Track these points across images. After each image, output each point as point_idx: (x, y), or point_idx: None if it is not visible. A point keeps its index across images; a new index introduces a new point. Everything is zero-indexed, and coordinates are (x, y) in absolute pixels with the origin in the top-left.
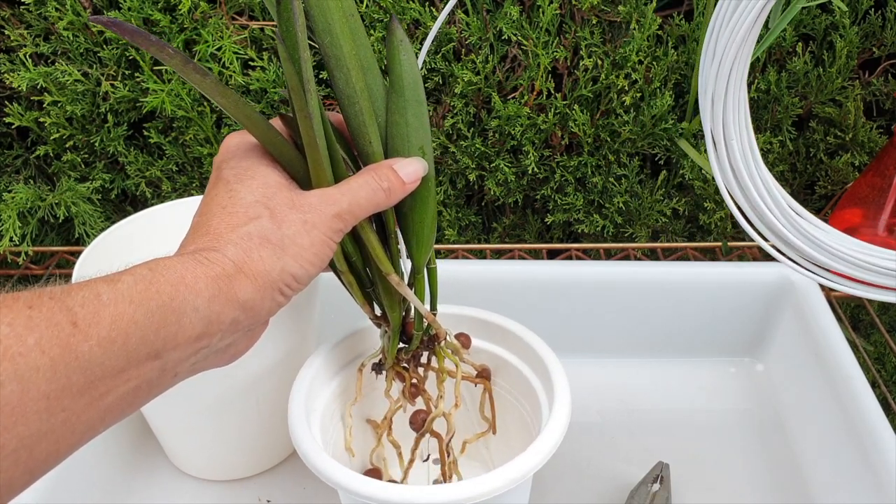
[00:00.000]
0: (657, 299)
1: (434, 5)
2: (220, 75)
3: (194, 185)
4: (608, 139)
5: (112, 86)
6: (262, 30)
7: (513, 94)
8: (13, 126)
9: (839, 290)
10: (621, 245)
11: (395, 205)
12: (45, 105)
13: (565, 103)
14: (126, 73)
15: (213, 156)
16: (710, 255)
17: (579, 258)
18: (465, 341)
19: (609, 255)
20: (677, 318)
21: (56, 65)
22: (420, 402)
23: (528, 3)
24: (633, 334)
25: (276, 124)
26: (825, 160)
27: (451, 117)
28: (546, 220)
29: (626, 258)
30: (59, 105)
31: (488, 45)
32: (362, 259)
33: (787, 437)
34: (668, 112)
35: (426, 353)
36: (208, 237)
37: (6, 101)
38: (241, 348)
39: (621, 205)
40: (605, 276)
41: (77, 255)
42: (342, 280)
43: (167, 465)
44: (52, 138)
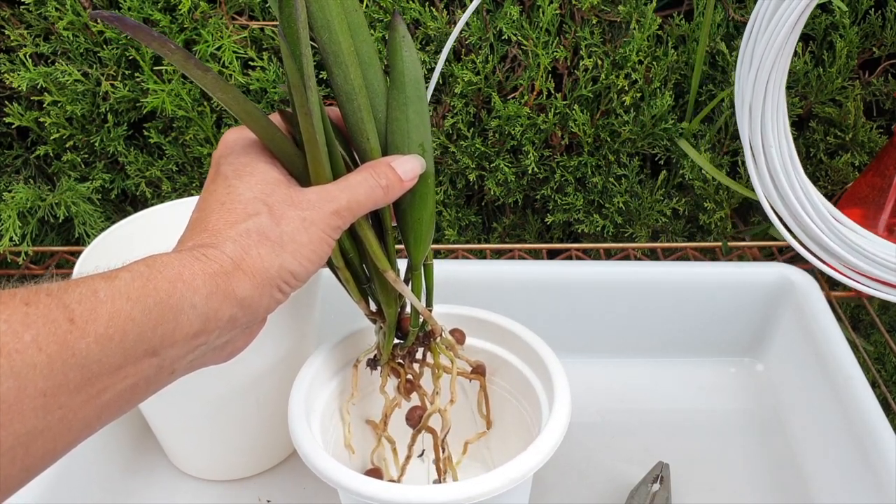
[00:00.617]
0: (657, 299)
1: (434, 5)
2: (219, 75)
3: (194, 185)
4: (608, 139)
5: (112, 86)
6: (262, 30)
7: (513, 94)
8: (13, 126)
9: (887, 299)
10: (621, 245)
11: (393, 202)
12: (45, 105)
13: (565, 103)
14: (126, 73)
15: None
16: (710, 255)
17: (579, 258)
18: (459, 337)
19: (609, 255)
20: (677, 318)
21: (56, 65)
22: (416, 400)
23: (528, 3)
24: (633, 334)
25: (276, 120)
26: (825, 160)
27: (451, 117)
28: (546, 220)
29: (626, 258)
30: (59, 105)
31: (488, 45)
32: (359, 256)
33: (787, 437)
34: (668, 112)
35: (421, 350)
36: (206, 234)
37: (6, 101)
38: (240, 345)
39: (621, 205)
40: (605, 276)
41: (77, 255)
42: (338, 276)
43: (167, 465)
44: (52, 138)
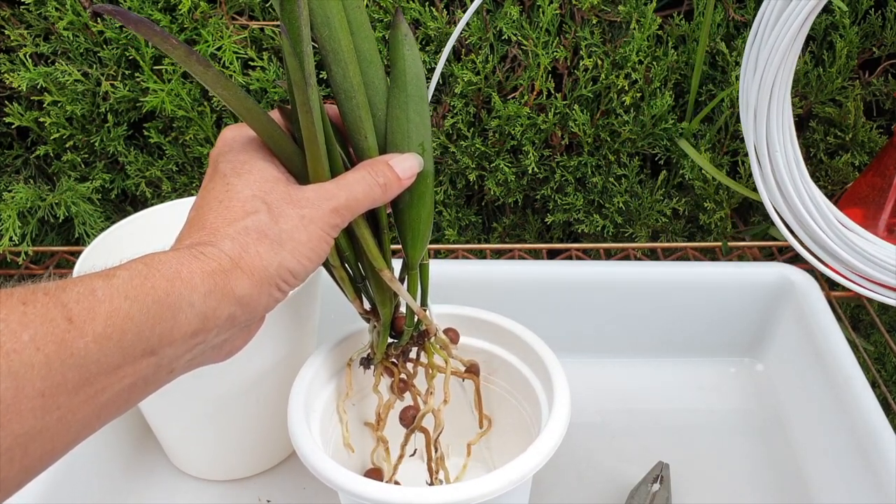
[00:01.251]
0: (657, 299)
1: (433, 5)
2: (220, 71)
3: (194, 185)
4: (608, 139)
5: (112, 86)
6: (262, 30)
7: (513, 94)
8: (13, 126)
9: (892, 304)
10: (621, 245)
11: (391, 200)
12: (45, 105)
13: (565, 103)
14: (126, 72)
15: None
16: (710, 255)
17: (579, 258)
18: (453, 336)
19: (609, 255)
20: (677, 318)
21: (56, 65)
22: (411, 400)
23: (528, 3)
24: (633, 334)
25: (275, 117)
26: (825, 160)
27: (451, 117)
28: (546, 220)
29: (626, 258)
30: (59, 105)
31: (488, 45)
32: (355, 254)
33: (787, 437)
34: (668, 112)
35: (415, 349)
36: (204, 231)
37: (6, 101)
38: (238, 344)
39: (621, 205)
40: (605, 276)
41: (77, 255)
42: (333, 275)
43: (167, 465)
44: (52, 138)
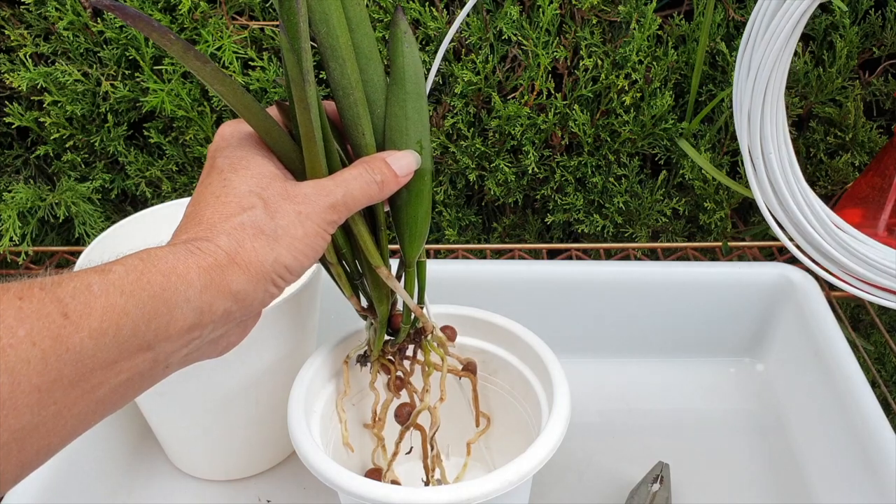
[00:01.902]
0: (657, 299)
1: (433, 5)
2: (218, 67)
3: (194, 184)
4: (608, 139)
5: (112, 86)
6: (262, 30)
7: (513, 94)
8: (13, 126)
9: (888, 306)
10: (621, 245)
11: (389, 198)
12: (45, 105)
13: (565, 103)
14: (126, 73)
15: None
16: (710, 255)
17: (579, 258)
18: (450, 334)
19: (609, 255)
20: (677, 318)
21: (56, 65)
22: (406, 397)
23: (528, 3)
24: (633, 334)
25: (272, 113)
26: (825, 160)
27: (451, 117)
28: (546, 220)
29: (626, 258)
30: (59, 105)
31: (488, 45)
32: (352, 251)
33: (787, 437)
34: (668, 112)
35: (412, 347)
36: (201, 227)
37: (6, 101)
38: (234, 340)
39: (621, 205)
40: (605, 276)
41: (77, 255)
42: (330, 272)
43: (167, 465)
44: (52, 138)
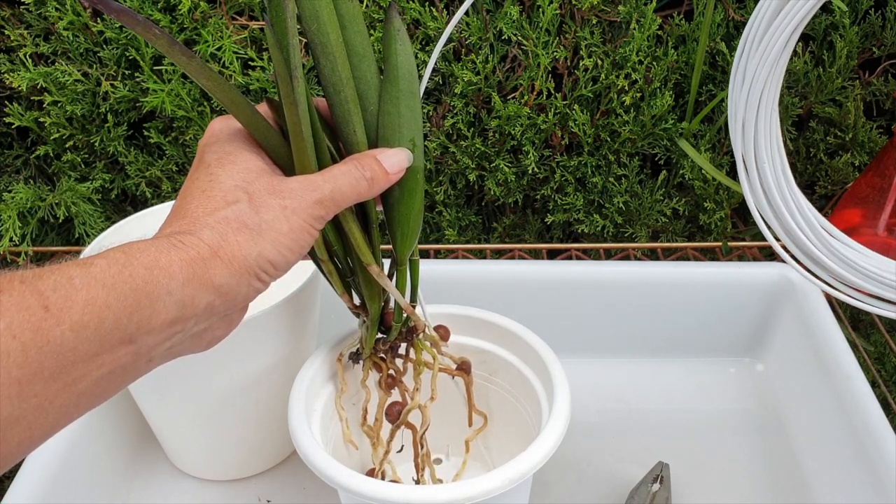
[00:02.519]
0: (657, 299)
1: (433, 5)
2: (203, 62)
3: None
4: (608, 139)
5: (112, 86)
6: (262, 30)
7: (513, 94)
8: (13, 126)
9: (878, 314)
10: (621, 245)
11: (381, 195)
12: (45, 105)
13: (565, 103)
14: (126, 73)
15: None
16: (710, 255)
17: (579, 258)
18: (443, 333)
19: (609, 255)
20: (677, 318)
21: (56, 65)
22: (398, 396)
23: (528, 3)
24: (633, 334)
25: (263, 110)
26: (825, 160)
27: (451, 117)
28: (546, 220)
29: (626, 258)
30: (59, 105)
31: (488, 45)
32: (344, 249)
33: (787, 437)
34: (668, 112)
35: (405, 345)
36: (185, 221)
37: (6, 101)
38: (219, 334)
39: (621, 205)
40: (605, 276)
41: (77, 255)
42: (321, 269)
43: (167, 465)
44: (52, 138)
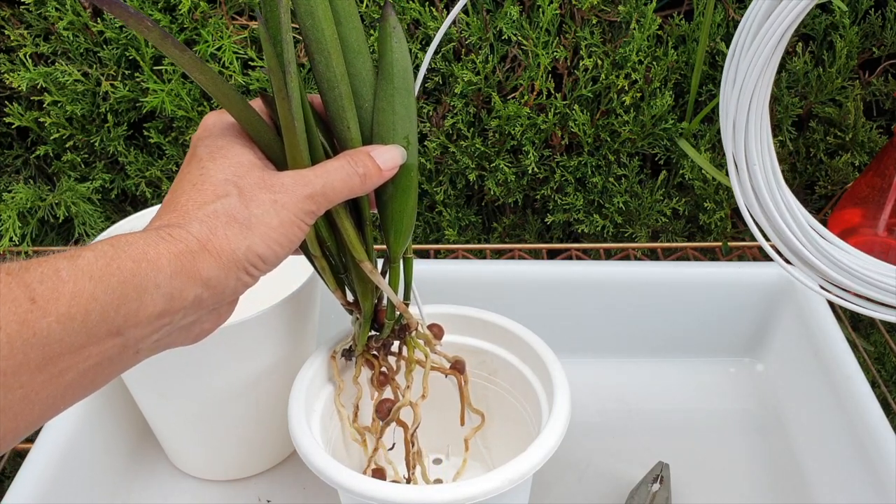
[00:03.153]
0: (657, 299)
1: (433, 5)
2: (196, 56)
3: None
4: (608, 139)
5: (112, 86)
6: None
7: (513, 94)
8: (13, 126)
9: (866, 315)
10: (621, 245)
11: (375, 193)
12: (45, 105)
13: (565, 103)
14: (126, 73)
15: None
16: (710, 255)
17: (579, 258)
18: (437, 332)
19: (609, 255)
20: (677, 318)
21: (56, 65)
22: (391, 393)
23: (528, 3)
24: (633, 334)
25: (257, 105)
26: (825, 160)
27: (451, 117)
28: (546, 220)
29: (626, 258)
30: (59, 105)
31: (488, 45)
32: (336, 245)
33: (787, 437)
34: (668, 112)
35: (398, 343)
36: (175, 214)
37: (6, 101)
38: (208, 327)
39: (621, 205)
40: (605, 276)
41: None
42: (315, 265)
43: (167, 465)
44: (52, 138)
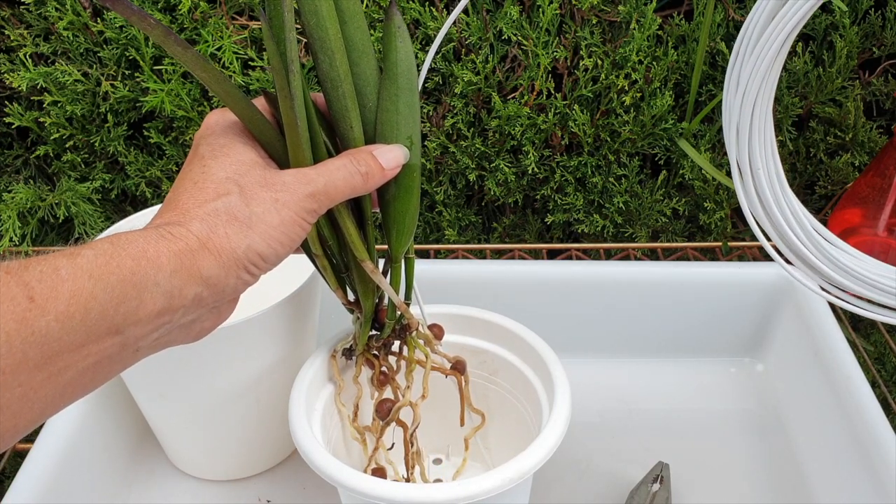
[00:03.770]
0: (657, 299)
1: (434, 5)
2: (199, 53)
3: None
4: (608, 139)
5: (112, 86)
6: (262, 29)
7: (513, 94)
8: (13, 126)
9: (871, 318)
10: (621, 245)
11: (378, 192)
12: (45, 105)
13: (565, 103)
14: (126, 73)
15: None
16: (710, 255)
17: (579, 258)
18: (437, 332)
19: (609, 255)
20: (677, 318)
21: (56, 65)
22: (391, 393)
23: (528, 3)
24: (633, 334)
25: (260, 103)
26: (825, 160)
27: (451, 117)
28: (546, 220)
29: (626, 258)
30: (59, 105)
31: (488, 45)
32: (338, 244)
33: (787, 437)
34: (668, 112)
35: (398, 343)
36: (176, 212)
37: (6, 101)
38: (208, 326)
39: (621, 205)
40: (605, 276)
41: None
42: (316, 264)
43: (167, 465)
44: (52, 138)
